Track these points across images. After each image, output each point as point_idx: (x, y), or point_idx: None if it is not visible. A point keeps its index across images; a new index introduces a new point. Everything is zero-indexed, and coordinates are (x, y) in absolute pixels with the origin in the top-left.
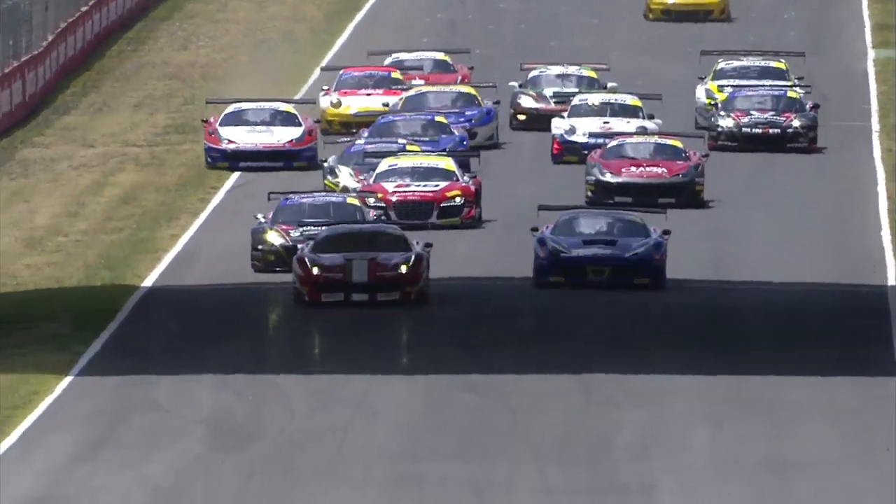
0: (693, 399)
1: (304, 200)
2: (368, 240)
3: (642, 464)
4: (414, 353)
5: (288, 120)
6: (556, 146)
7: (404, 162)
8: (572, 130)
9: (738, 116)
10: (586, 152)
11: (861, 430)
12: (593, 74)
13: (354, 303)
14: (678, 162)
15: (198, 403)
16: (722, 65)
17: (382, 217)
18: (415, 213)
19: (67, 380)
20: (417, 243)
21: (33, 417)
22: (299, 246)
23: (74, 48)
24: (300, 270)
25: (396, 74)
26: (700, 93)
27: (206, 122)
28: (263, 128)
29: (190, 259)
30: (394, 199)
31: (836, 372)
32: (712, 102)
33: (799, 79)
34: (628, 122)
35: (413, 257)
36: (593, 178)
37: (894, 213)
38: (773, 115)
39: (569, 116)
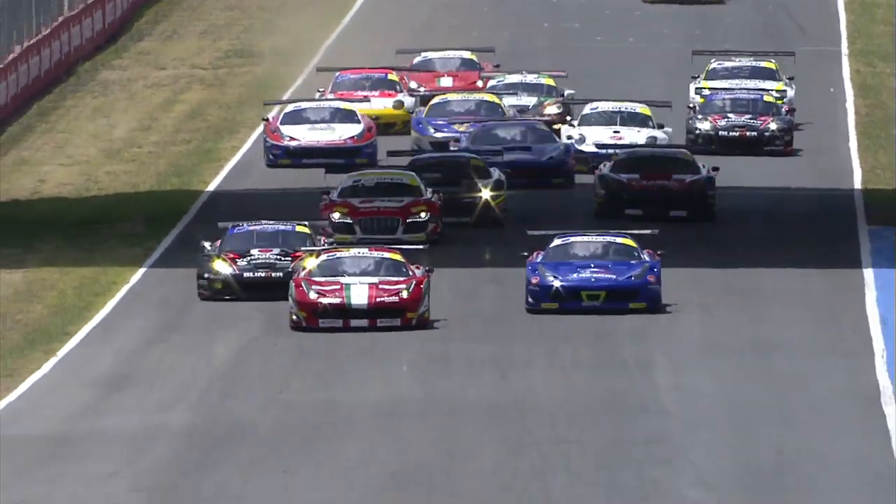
0: (685, 289)
1: (253, 228)
2: (368, 265)
3: (640, 345)
4: (441, 250)
5: (347, 117)
6: None
7: (369, 177)
8: (582, 140)
9: (715, 120)
10: (594, 163)
11: (831, 314)
12: (551, 82)
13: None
14: (688, 174)
15: None
16: (714, 65)
17: (334, 244)
18: (380, 227)
19: (141, 271)
20: (418, 268)
21: (112, 304)
22: (299, 271)
23: None
24: (297, 295)
25: (392, 76)
26: (693, 92)
27: (266, 120)
28: (324, 125)
29: (248, 167)
30: (359, 214)
31: (811, 265)
32: (691, 105)
33: (790, 79)
34: (639, 131)
35: (413, 282)
36: (603, 190)
37: (861, 125)
38: (749, 119)
39: (578, 125)
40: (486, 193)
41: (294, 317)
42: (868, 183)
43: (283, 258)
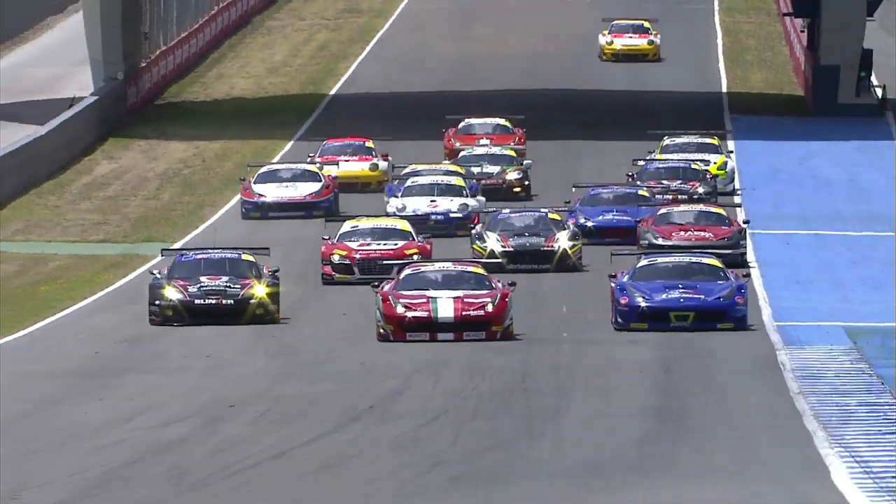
0: None
1: (200, 257)
2: (452, 279)
3: None
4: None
5: (310, 176)
6: None
7: (364, 223)
8: (404, 208)
9: (651, 185)
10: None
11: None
12: (513, 153)
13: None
14: (723, 227)
15: None
16: (667, 141)
17: (277, 273)
18: (377, 268)
19: (290, 143)
20: (500, 282)
21: (276, 159)
22: (382, 285)
23: None
24: (384, 309)
25: (370, 144)
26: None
27: (243, 180)
28: (289, 183)
29: (356, 80)
30: (357, 256)
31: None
32: (628, 173)
33: (730, 152)
34: (452, 200)
35: (498, 295)
36: (647, 241)
37: (726, 53)
38: (680, 184)
39: (402, 196)
40: (564, 243)
41: (381, 330)
42: (730, 88)
43: (232, 285)
